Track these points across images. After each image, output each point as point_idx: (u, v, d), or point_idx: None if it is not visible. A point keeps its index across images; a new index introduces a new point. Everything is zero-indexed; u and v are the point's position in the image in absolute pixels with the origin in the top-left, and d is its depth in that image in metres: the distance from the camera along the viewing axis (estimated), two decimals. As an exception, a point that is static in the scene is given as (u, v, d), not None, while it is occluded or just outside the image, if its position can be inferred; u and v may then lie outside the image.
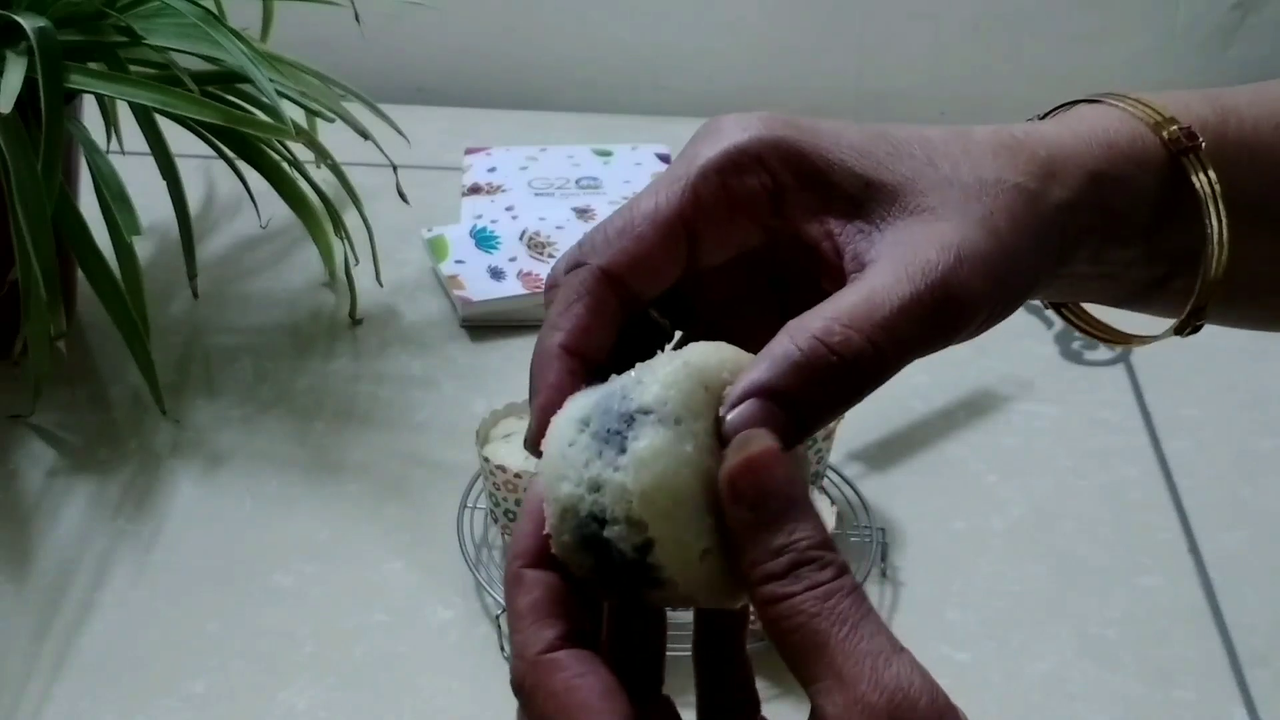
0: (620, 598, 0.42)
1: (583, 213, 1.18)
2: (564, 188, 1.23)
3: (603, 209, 1.18)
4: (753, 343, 0.42)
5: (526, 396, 0.44)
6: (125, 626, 0.85)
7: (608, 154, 1.27)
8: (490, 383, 1.02)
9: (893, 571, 0.87)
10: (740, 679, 0.44)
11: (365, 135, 1.01)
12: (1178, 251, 0.48)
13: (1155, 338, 0.50)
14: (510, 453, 0.86)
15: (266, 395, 1.02)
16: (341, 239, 1.05)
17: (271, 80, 0.92)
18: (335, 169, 1.02)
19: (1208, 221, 0.47)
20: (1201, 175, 0.47)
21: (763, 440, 0.39)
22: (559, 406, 0.42)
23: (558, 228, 1.15)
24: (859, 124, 0.45)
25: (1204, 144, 0.47)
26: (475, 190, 1.22)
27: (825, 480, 0.90)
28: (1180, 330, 0.49)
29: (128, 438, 0.98)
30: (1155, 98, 0.49)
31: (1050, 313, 0.54)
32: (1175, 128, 0.48)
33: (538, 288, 1.09)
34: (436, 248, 1.13)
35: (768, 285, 0.48)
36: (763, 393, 0.40)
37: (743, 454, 0.39)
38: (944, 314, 0.42)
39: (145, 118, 0.97)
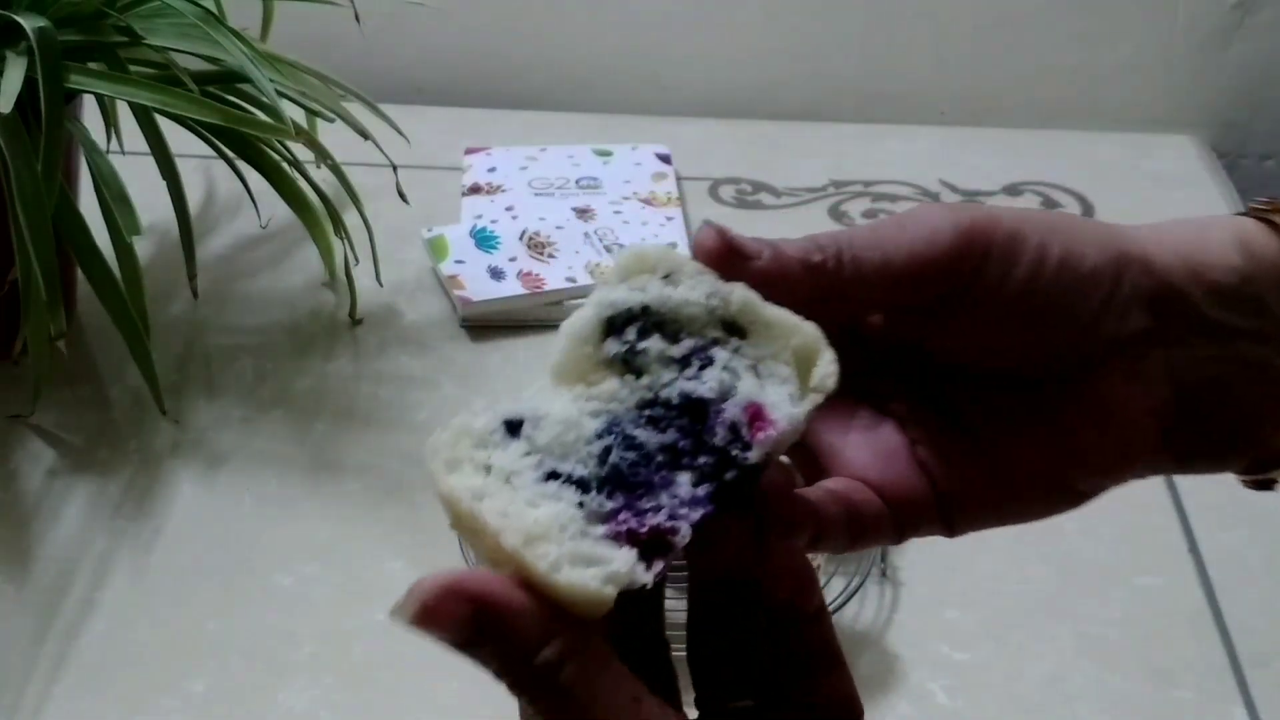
0: None
1: (583, 213, 1.18)
2: (564, 188, 1.23)
3: (603, 209, 1.19)
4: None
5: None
6: (125, 626, 0.85)
7: (608, 154, 1.27)
8: (490, 383, 1.02)
9: (893, 571, 0.88)
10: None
11: (365, 135, 1.01)
12: None
13: None
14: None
15: (266, 395, 1.02)
16: (341, 239, 1.05)
17: (271, 80, 0.92)
18: (335, 169, 1.02)
19: None
20: None
21: (416, 589, 0.40)
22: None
23: (558, 228, 1.15)
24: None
25: None
26: (475, 190, 1.22)
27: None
28: None
29: (128, 438, 0.98)
30: None
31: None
32: None
33: (538, 288, 1.09)
34: (436, 248, 1.13)
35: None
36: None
37: (411, 607, 0.41)
38: None
39: (145, 118, 0.97)
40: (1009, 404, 0.46)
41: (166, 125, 0.97)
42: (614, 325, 0.42)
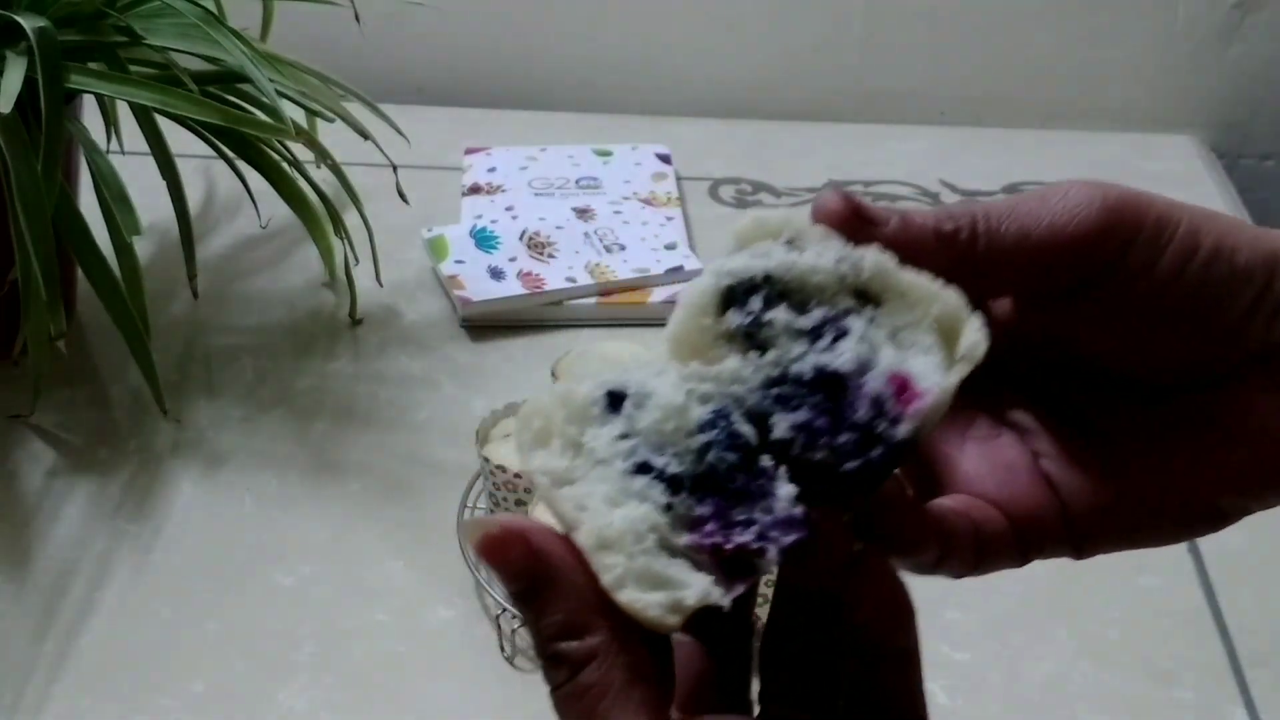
0: None
1: (583, 213, 1.18)
2: (564, 188, 1.23)
3: (603, 209, 1.19)
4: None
5: (524, 396, 0.43)
6: (125, 626, 0.85)
7: (608, 154, 1.27)
8: (490, 383, 1.02)
9: (893, 571, 0.88)
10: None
11: (365, 135, 1.01)
12: None
13: None
14: (510, 452, 0.86)
15: (266, 395, 1.02)
16: (341, 239, 1.05)
17: (271, 80, 0.92)
18: (335, 169, 1.02)
19: None
20: None
21: (500, 517, 0.38)
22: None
23: (558, 228, 1.15)
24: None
25: None
26: (475, 190, 1.22)
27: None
28: None
29: (128, 438, 0.98)
30: None
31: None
32: None
33: (538, 288, 1.09)
34: (436, 248, 1.13)
35: None
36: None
37: (482, 530, 0.37)
38: None
39: (145, 118, 0.97)
40: (1144, 416, 0.43)
41: (166, 125, 0.97)
42: (734, 296, 0.39)
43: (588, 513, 0.37)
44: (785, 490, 0.37)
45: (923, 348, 0.38)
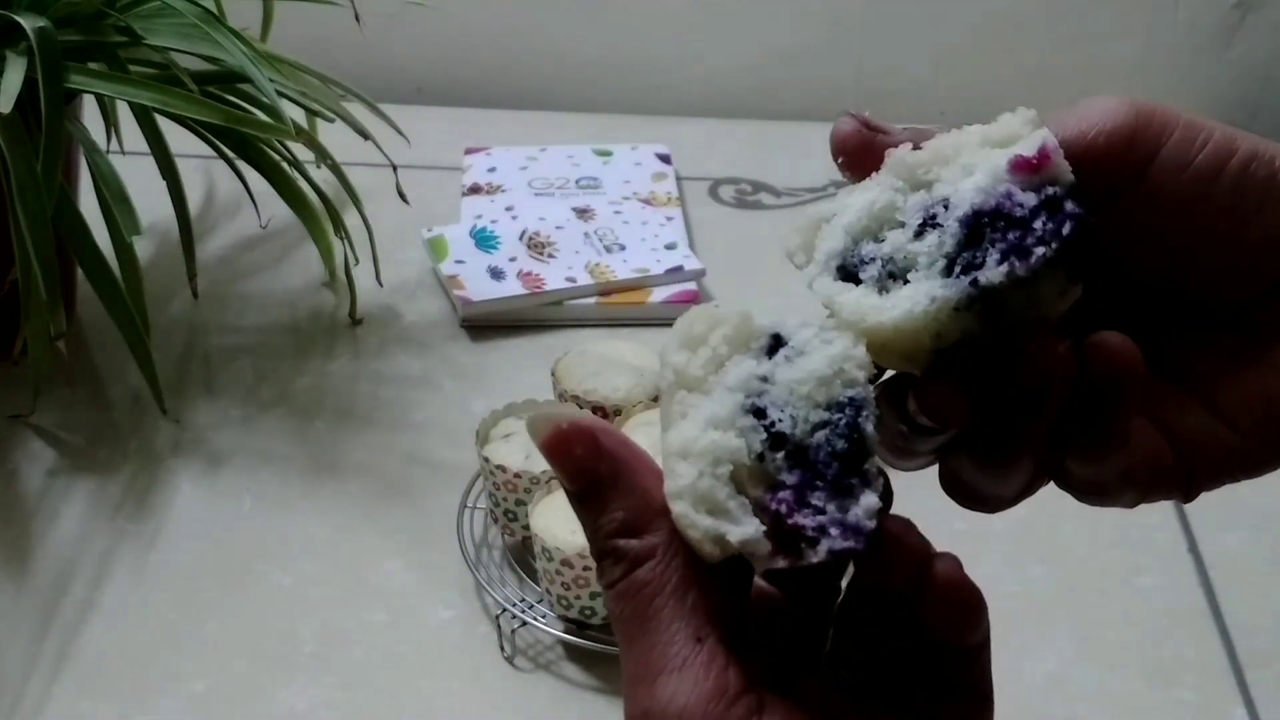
0: None
1: (582, 213, 1.18)
2: (564, 188, 1.23)
3: (603, 209, 1.19)
4: None
5: (525, 397, 0.43)
6: (125, 626, 0.85)
7: (608, 154, 1.27)
8: (490, 383, 1.02)
9: (893, 571, 0.87)
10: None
11: (365, 135, 1.01)
12: None
13: None
14: (510, 452, 0.86)
15: (266, 395, 1.02)
16: (341, 239, 1.05)
17: (271, 80, 0.92)
18: (335, 169, 1.02)
19: None
20: None
21: (569, 413, 0.38)
22: None
23: (558, 228, 1.15)
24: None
25: None
26: (475, 190, 1.22)
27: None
28: None
29: (128, 438, 0.98)
30: None
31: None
32: None
33: (538, 288, 1.09)
34: (436, 248, 1.13)
35: None
36: None
37: (551, 425, 0.38)
38: None
39: (145, 118, 0.97)
40: (1213, 341, 0.43)
41: (166, 125, 0.97)
42: (846, 273, 0.40)
43: (687, 421, 0.38)
44: (868, 500, 0.38)
45: (993, 160, 0.39)
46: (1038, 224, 0.38)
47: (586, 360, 0.92)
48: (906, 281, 0.39)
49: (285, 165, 1.02)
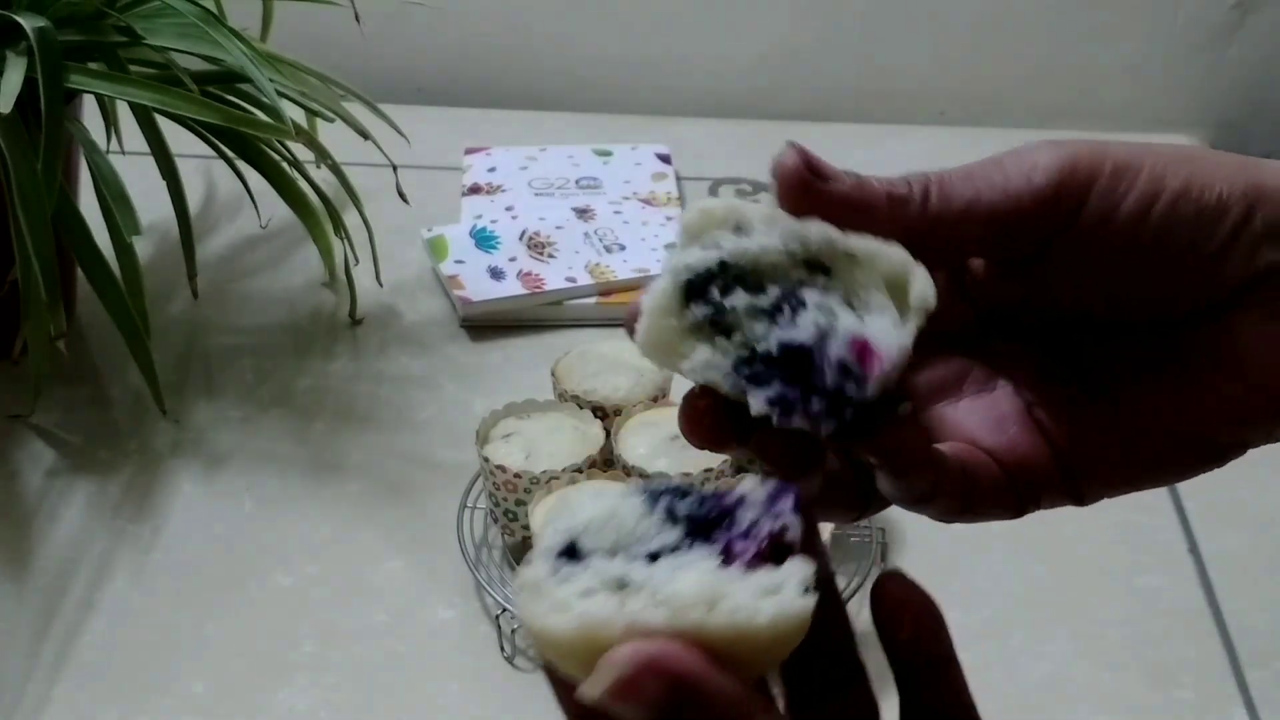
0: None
1: (583, 213, 1.18)
2: (564, 188, 1.23)
3: (603, 209, 1.19)
4: None
5: (525, 397, 0.43)
6: (125, 626, 0.85)
7: (608, 154, 1.27)
8: (490, 383, 1.02)
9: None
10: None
11: (365, 135, 1.01)
12: None
13: None
14: (510, 452, 0.86)
15: (266, 395, 1.02)
16: (341, 239, 1.05)
17: (271, 80, 0.92)
18: (335, 169, 1.02)
19: None
20: None
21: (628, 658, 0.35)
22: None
23: (558, 228, 1.15)
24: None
25: None
26: (475, 190, 1.22)
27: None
28: None
29: (128, 438, 0.98)
30: None
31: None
32: None
33: (538, 288, 1.09)
34: (436, 248, 1.13)
35: None
36: None
37: (609, 679, 0.35)
38: None
39: (145, 118, 0.97)
40: (1135, 355, 0.43)
41: (166, 125, 0.97)
42: (694, 289, 0.40)
43: (668, 601, 0.36)
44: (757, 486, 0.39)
45: (877, 307, 0.40)
46: (817, 404, 0.39)
47: (586, 360, 0.92)
48: (729, 336, 0.40)
49: (285, 165, 1.02)
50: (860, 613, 0.42)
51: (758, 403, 0.39)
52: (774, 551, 0.37)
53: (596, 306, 1.09)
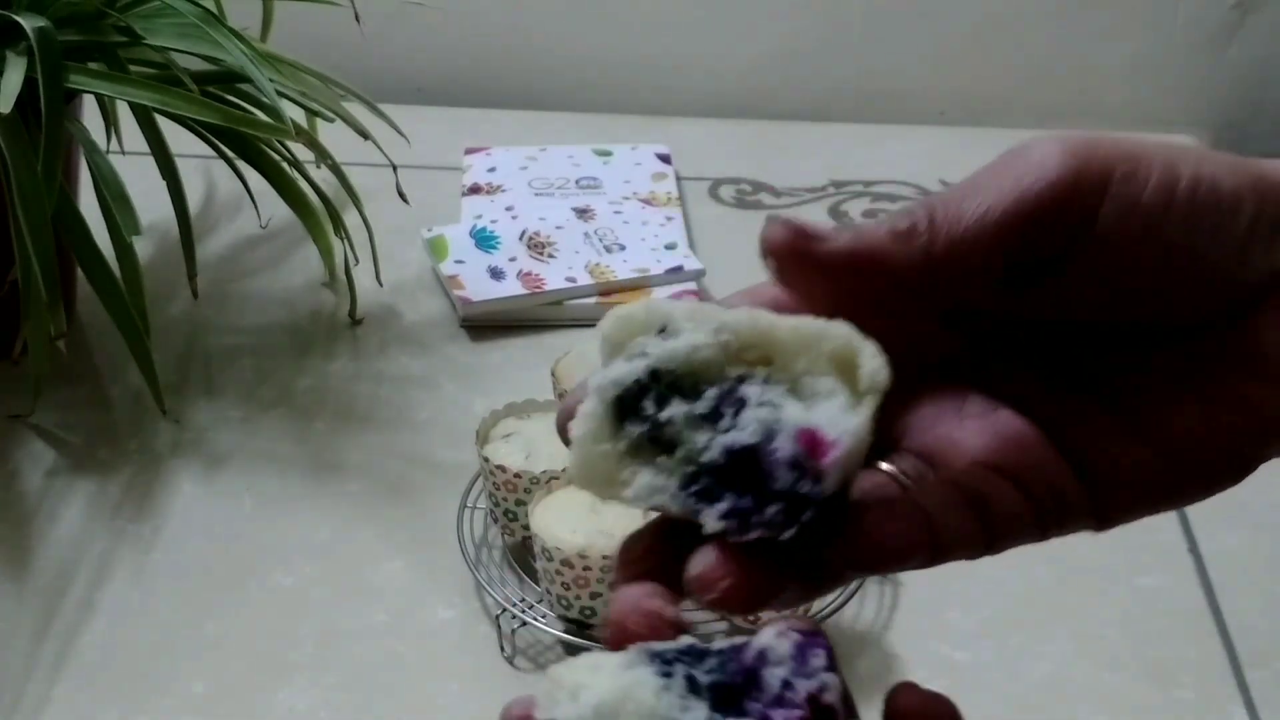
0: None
1: (583, 213, 1.18)
2: (564, 188, 1.23)
3: (603, 209, 1.19)
4: None
5: (525, 397, 0.43)
6: (125, 626, 0.85)
7: (608, 154, 1.27)
8: (490, 383, 1.02)
9: (893, 571, 0.88)
10: None
11: (365, 135, 1.01)
12: None
13: None
14: (510, 453, 0.86)
15: (266, 395, 1.02)
16: (341, 239, 1.05)
17: (271, 80, 0.92)
18: (335, 169, 1.02)
19: None
20: None
21: None
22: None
23: (558, 228, 1.15)
24: None
25: None
26: (475, 190, 1.22)
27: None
28: None
29: (128, 438, 0.98)
30: None
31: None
32: None
33: (538, 288, 1.09)
34: (436, 248, 1.13)
35: None
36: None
37: None
38: None
39: (145, 118, 0.97)
40: (1153, 363, 0.40)
41: (166, 125, 0.97)
42: (625, 405, 0.37)
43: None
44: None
45: (824, 393, 0.36)
46: (772, 510, 0.36)
47: (586, 360, 0.92)
48: (671, 451, 0.37)
49: (285, 165, 1.02)
50: (859, 614, 0.42)
51: (711, 521, 0.36)
52: (815, 716, 0.35)
53: (596, 306, 1.09)
